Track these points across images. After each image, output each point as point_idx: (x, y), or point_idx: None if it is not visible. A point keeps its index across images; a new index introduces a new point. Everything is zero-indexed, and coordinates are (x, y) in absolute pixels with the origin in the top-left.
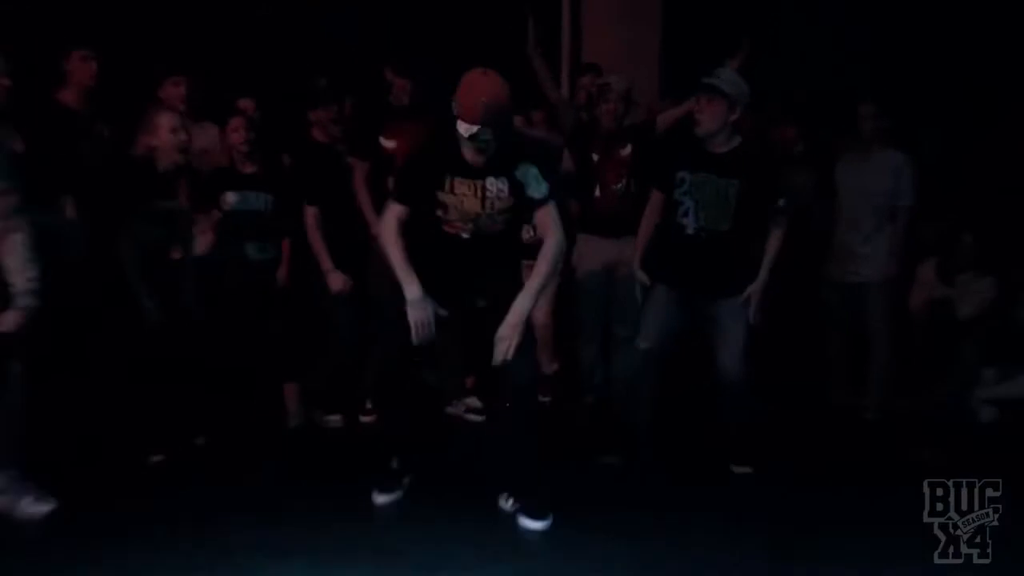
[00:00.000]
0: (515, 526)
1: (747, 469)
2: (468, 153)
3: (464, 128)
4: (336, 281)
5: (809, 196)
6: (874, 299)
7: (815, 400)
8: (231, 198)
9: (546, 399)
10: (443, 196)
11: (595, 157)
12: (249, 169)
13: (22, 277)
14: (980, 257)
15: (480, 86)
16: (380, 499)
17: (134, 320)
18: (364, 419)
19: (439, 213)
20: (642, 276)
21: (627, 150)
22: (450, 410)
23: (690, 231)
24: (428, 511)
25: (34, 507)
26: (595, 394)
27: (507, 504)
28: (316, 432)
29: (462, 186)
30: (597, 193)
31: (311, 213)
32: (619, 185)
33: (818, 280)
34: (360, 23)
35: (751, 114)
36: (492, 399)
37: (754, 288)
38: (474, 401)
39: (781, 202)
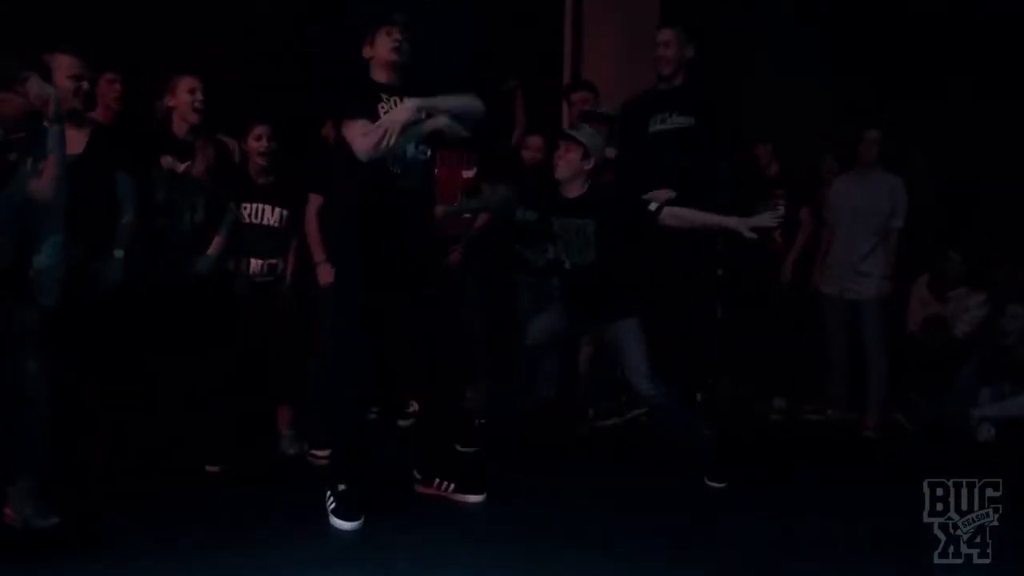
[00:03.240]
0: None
1: (721, 485)
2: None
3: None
4: (326, 274)
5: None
6: (870, 316)
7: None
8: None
9: None
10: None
11: None
12: (263, 180)
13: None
14: (970, 273)
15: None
16: (346, 525)
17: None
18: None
19: None
20: None
21: None
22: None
23: (567, 266)
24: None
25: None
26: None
27: (441, 488)
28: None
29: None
30: None
31: (314, 202)
32: None
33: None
34: None
35: None
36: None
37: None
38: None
39: (652, 205)
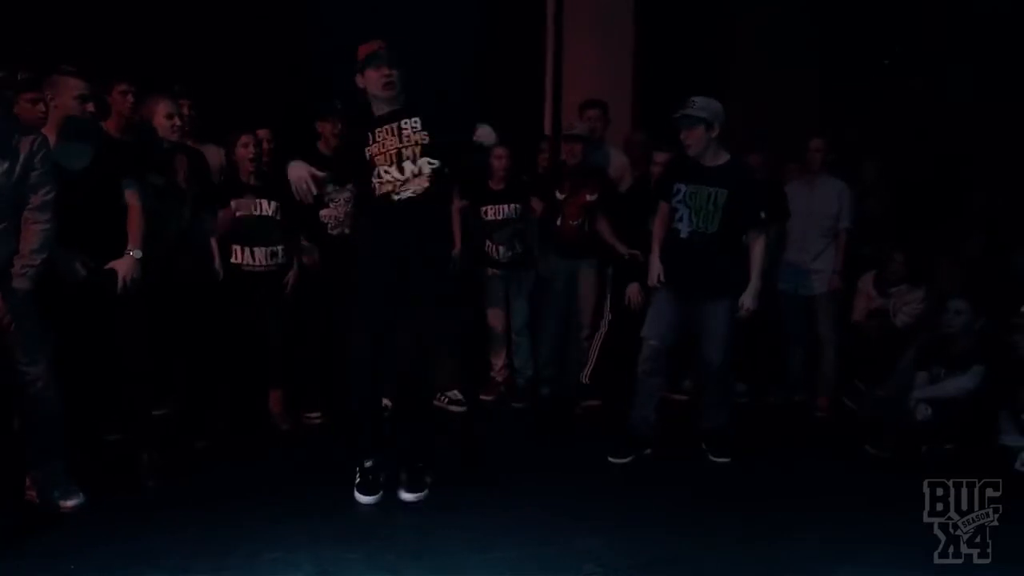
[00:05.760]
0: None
1: (726, 459)
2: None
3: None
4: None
5: None
6: (822, 310)
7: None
8: (238, 205)
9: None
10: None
11: (560, 196)
12: (254, 182)
13: (26, 260)
14: (911, 272)
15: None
16: (365, 500)
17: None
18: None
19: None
20: (655, 276)
21: (593, 196)
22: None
23: (684, 235)
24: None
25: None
26: (550, 387)
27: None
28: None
29: (381, 132)
30: (558, 223)
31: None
32: (576, 222)
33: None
34: None
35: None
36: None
37: (746, 296)
38: (456, 394)
39: (763, 214)
